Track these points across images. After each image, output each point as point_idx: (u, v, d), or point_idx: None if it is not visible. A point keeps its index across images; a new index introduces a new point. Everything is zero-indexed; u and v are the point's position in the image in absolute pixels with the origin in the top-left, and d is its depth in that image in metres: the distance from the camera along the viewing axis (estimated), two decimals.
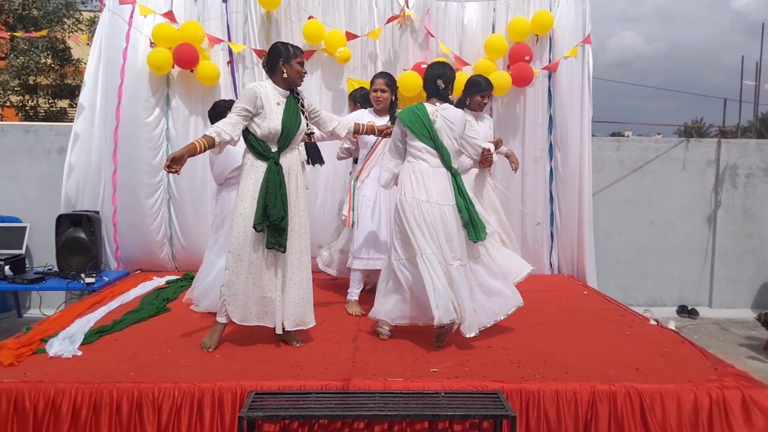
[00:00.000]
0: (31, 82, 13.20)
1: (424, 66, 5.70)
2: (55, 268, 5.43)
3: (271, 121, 3.44)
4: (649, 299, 6.75)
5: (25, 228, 5.79)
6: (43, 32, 7.44)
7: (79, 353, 3.43)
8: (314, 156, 3.74)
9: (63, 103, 14.56)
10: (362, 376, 3.14)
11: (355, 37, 5.73)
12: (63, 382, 2.98)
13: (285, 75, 3.51)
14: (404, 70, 5.71)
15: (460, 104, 4.39)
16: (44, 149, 6.16)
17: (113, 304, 4.46)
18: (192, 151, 3.25)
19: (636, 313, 4.66)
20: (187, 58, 5.43)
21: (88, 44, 12.72)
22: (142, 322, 4.11)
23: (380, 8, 5.86)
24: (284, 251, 3.47)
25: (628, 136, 11.05)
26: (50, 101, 14.07)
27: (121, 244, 5.76)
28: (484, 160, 4.11)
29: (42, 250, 5.94)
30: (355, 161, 4.75)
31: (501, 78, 5.62)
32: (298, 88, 3.64)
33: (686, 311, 6.62)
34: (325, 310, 4.52)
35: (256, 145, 3.47)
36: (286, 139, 3.49)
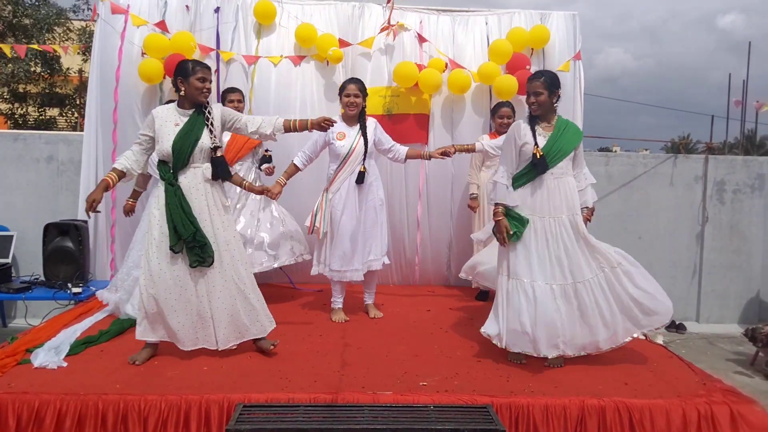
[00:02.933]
0: (20, 90, 13.15)
1: (419, 64, 5.72)
2: (42, 278, 5.39)
3: (162, 144, 3.45)
4: None
5: (11, 236, 5.74)
6: (35, 46, 7.36)
7: (65, 364, 3.39)
8: (219, 171, 3.57)
9: (53, 112, 14.51)
10: (351, 389, 3.13)
11: (347, 45, 5.75)
12: (48, 393, 2.95)
13: (183, 92, 3.50)
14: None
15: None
16: (33, 157, 6.12)
17: (100, 315, 4.42)
18: (106, 187, 3.42)
19: None
20: None
21: (78, 53, 12.71)
22: (129, 333, 4.06)
23: (373, 17, 5.87)
24: (210, 264, 3.48)
25: (616, 151, 11.14)
26: (39, 110, 14.01)
27: (118, 256, 5.71)
28: None
29: (29, 259, 5.89)
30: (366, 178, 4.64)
31: (508, 82, 5.62)
32: (208, 102, 3.58)
33: (674, 326, 6.64)
34: (313, 322, 4.51)
35: (157, 166, 3.55)
36: (178, 158, 3.46)
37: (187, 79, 3.47)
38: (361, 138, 4.46)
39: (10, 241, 5.71)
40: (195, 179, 3.51)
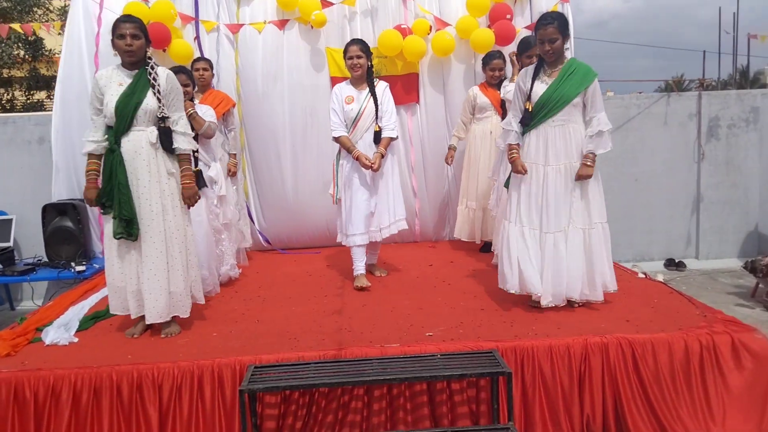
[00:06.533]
0: (4, 76, 12.99)
1: (404, 26, 5.66)
2: (45, 259, 5.42)
3: (108, 105, 3.29)
4: (636, 254, 6.83)
5: (11, 220, 5.75)
6: (15, 25, 7.23)
7: (76, 340, 3.44)
8: (162, 140, 3.38)
9: (40, 95, 14.37)
10: (359, 344, 3.18)
11: (330, 4, 5.66)
12: (62, 368, 2.99)
13: (115, 53, 3.37)
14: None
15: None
16: (24, 140, 6.09)
17: (106, 290, 4.44)
18: (95, 179, 3.39)
19: (624, 267, 4.71)
20: (159, 37, 5.33)
21: (60, 33, 12.53)
22: None
23: None
24: (133, 239, 3.32)
25: (610, 95, 11.05)
26: (27, 93, 13.87)
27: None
28: None
29: (30, 242, 5.91)
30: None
31: (484, 35, 5.56)
32: (154, 63, 3.43)
33: (674, 264, 6.71)
34: (319, 282, 4.56)
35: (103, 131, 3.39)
36: (121, 120, 3.28)
37: (113, 39, 3.34)
38: (371, 99, 4.35)
39: (9, 224, 5.72)
40: (138, 143, 3.32)
